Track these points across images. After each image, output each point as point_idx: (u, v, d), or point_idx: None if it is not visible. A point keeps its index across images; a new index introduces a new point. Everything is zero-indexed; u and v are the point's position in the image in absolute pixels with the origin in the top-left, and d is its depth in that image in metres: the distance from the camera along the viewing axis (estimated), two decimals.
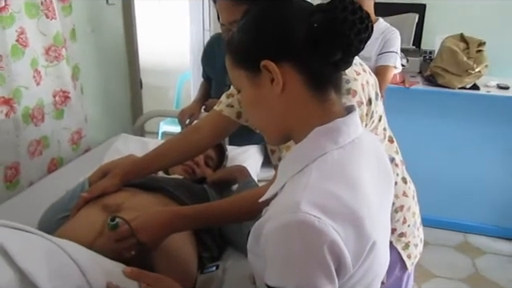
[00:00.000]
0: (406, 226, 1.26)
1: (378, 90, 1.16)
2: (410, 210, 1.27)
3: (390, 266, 1.24)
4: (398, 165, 1.26)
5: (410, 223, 1.27)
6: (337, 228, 0.63)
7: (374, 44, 2.37)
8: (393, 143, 1.26)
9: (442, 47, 2.72)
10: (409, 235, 1.28)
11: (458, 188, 2.94)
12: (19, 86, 1.67)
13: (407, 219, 1.26)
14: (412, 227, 1.29)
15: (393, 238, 1.25)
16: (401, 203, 1.24)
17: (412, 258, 1.30)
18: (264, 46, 0.73)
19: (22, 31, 1.65)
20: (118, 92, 2.41)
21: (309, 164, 0.72)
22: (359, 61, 1.13)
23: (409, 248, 1.29)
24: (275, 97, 0.74)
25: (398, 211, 1.24)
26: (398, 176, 1.25)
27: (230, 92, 1.31)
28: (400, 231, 1.26)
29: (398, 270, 1.30)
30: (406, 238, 1.28)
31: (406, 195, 1.26)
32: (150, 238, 1.03)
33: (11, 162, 1.68)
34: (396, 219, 1.24)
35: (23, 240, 0.81)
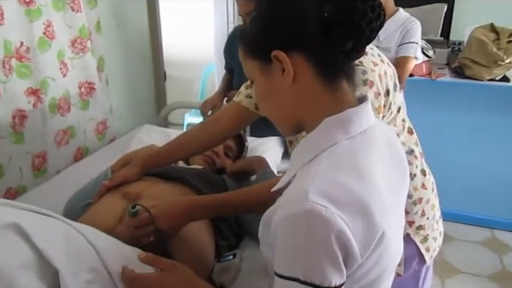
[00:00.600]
0: (424, 219, 1.25)
1: (396, 80, 1.14)
2: (429, 202, 1.25)
3: (407, 259, 1.25)
4: (418, 156, 1.24)
5: (428, 216, 1.25)
6: (344, 218, 0.63)
7: (393, 35, 2.33)
8: (412, 134, 1.24)
9: (471, 38, 2.65)
10: (427, 228, 1.26)
11: (486, 183, 2.87)
12: (46, 77, 1.72)
13: (426, 212, 1.24)
14: (431, 220, 1.27)
15: (411, 231, 1.24)
16: (419, 196, 1.22)
17: (431, 251, 1.29)
18: (274, 36, 0.73)
19: (48, 24, 1.70)
20: (142, 84, 2.45)
21: (319, 154, 0.72)
22: (377, 51, 1.12)
23: (427, 241, 1.27)
24: (286, 87, 0.74)
25: (417, 204, 1.22)
26: (417, 168, 1.23)
27: (249, 83, 1.32)
28: (418, 224, 1.24)
29: (416, 263, 1.28)
30: (425, 231, 1.26)
31: (425, 187, 1.24)
32: (168, 225, 1.06)
33: (39, 150, 1.74)
34: (414, 212, 1.22)
35: (41, 222, 0.85)
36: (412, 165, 1.21)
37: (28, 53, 1.64)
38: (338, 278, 0.66)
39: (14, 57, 1.59)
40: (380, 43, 2.34)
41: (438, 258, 2.54)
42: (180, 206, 1.09)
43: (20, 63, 1.62)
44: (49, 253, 0.76)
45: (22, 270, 0.74)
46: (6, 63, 1.55)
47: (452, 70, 2.79)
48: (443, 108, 2.82)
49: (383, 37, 2.34)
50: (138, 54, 2.39)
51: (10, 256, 0.75)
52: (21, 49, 1.61)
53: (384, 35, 2.34)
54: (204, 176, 1.44)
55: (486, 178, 2.86)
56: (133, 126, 2.30)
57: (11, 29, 1.56)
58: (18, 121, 1.62)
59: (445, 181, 1.33)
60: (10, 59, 1.57)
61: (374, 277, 0.73)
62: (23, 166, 1.68)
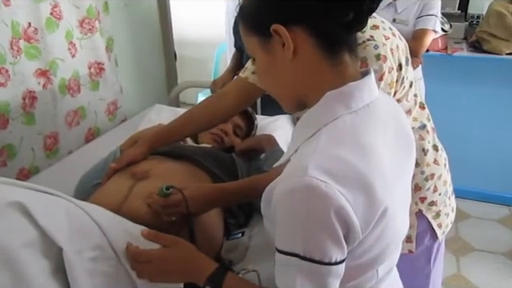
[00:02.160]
0: (436, 195, 1.23)
1: (408, 54, 1.11)
2: (441, 178, 1.23)
3: (419, 235, 1.24)
4: (429, 132, 1.21)
5: (441, 192, 1.23)
6: (344, 193, 0.62)
7: (412, 7, 2.26)
8: (424, 109, 1.21)
9: (490, 10, 2.56)
10: (440, 204, 1.24)
11: (504, 159, 2.80)
12: (55, 58, 1.73)
13: (438, 188, 1.23)
14: (443, 196, 1.25)
15: (423, 207, 1.22)
16: (431, 171, 1.20)
17: (443, 227, 1.27)
18: (273, 10, 0.71)
19: (55, 4, 1.69)
20: (152, 64, 2.44)
21: (320, 129, 0.71)
22: (389, 25, 1.08)
23: (439, 217, 1.25)
24: (287, 62, 0.72)
25: (429, 179, 1.20)
26: (430, 143, 1.21)
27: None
28: (430, 200, 1.22)
29: (428, 239, 1.27)
30: (437, 207, 1.24)
31: (438, 163, 1.22)
32: (197, 208, 1.08)
33: (50, 131, 1.75)
34: (427, 187, 1.20)
35: (45, 201, 0.85)
36: (424, 140, 1.19)
37: (36, 34, 1.64)
38: (339, 253, 0.65)
39: (22, 38, 1.59)
40: (398, 15, 2.27)
41: (453, 236, 2.53)
42: (209, 193, 1.12)
43: (28, 44, 1.62)
44: (52, 231, 0.77)
45: (26, 248, 0.75)
46: (15, 44, 1.55)
47: (469, 44, 2.71)
48: (460, 83, 2.75)
49: (401, 8, 2.27)
50: (148, 34, 2.38)
51: (14, 234, 0.76)
52: (29, 30, 1.61)
53: (402, 7, 2.28)
54: (213, 155, 1.44)
55: (504, 154, 2.80)
56: (144, 106, 2.30)
57: (18, 9, 1.56)
58: (28, 102, 1.64)
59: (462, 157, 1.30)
60: (18, 40, 1.57)
61: (376, 253, 0.72)
62: (35, 147, 1.70)
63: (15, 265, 0.73)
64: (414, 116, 1.17)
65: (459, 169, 1.30)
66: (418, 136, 1.18)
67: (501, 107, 2.72)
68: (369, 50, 0.98)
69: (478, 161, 2.79)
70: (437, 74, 2.56)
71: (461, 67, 2.71)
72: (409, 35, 2.23)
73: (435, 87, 2.41)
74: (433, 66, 2.44)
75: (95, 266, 0.82)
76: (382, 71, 0.99)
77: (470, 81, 2.74)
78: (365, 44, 0.99)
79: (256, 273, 1.08)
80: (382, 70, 0.99)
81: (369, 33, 1.00)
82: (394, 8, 2.30)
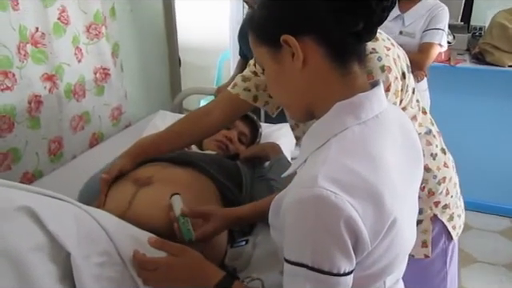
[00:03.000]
0: (449, 198, 1.24)
1: (408, 61, 1.13)
2: (452, 180, 1.25)
3: (434, 239, 1.25)
4: (436, 136, 1.23)
5: (452, 194, 1.25)
6: (354, 204, 0.62)
7: (419, 20, 2.28)
8: (426, 114, 1.23)
9: (493, 22, 2.57)
10: (452, 206, 1.26)
11: (505, 171, 2.81)
12: (61, 62, 1.74)
13: (450, 190, 1.24)
14: (454, 198, 1.26)
15: (437, 211, 1.23)
16: (443, 175, 1.21)
17: (457, 228, 1.28)
18: (283, 20, 0.72)
19: (63, 9, 1.70)
20: (156, 70, 2.45)
21: (330, 139, 0.71)
22: (386, 35, 1.10)
23: (453, 219, 1.27)
24: (297, 72, 0.73)
25: (441, 183, 1.21)
26: (437, 147, 1.22)
27: (246, 75, 1.30)
28: (444, 203, 1.23)
29: (443, 242, 1.27)
30: (450, 210, 1.25)
31: (447, 166, 1.23)
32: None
33: (55, 135, 1.76)
34: (439, 191, 1.21)
35: (53, 205, 0.85)
36: (432, 144, 1.20)
37: (43, 38, 1.65)
38: (347, 264, 0.65)
39: (30, 42, 1.60)
40: (405, 28, 2.29)
41: None
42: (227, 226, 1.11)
43: (35, 49, 1.63)
44: (60, 236, 0.77)
45: (34, 252, 0.75)
46: (22, 49, 1.56)
47: (472, 55, 2.72)
48: (463, 95, 2.76)
49: (409, 21, 2.29)
50: (153, 40, 2.39)
51: (22, 239, 0.76)
52: (36, 34, 1.62)
53: (410, 20, 2.29)
54: (217, 162, 1.44)
55: (507, 165, 2.80)
56: (148, 112, 2.31)
57: (26, 14, 1.56)
58: (33, 106, 1.64)
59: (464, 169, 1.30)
60: (25, 45, 1.58)
61: (384, 264, 0.71)
62: (39, 151, 1.70)
63: (23, 268, 0.73)
64: (419, 122, 1.18)
65: (461, 179, 1.31)
66: (426, 141, 1.19)
67: (503, 119, 2.73)
68: (373, 63, 0.99)
69: (480, 172, 2.79)
70: (440, 85, 2.56)
71: (463, 78, 2.72)
72: (415, 48, 2.25)
73: (438, 98, 2.42)
74: (436, 77, 2.45)
75: (102, 271, 0.82)
76: (388, 82, 1.00)
77: (472, 92, 2.75)
78: (368, 57, 0.99)
79: (260, 281, 1.08)
80: (389, 80, 1.00)
81: (370, 45, 1.01)
82: (401, 21, 2.31)
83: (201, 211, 1.06)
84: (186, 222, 1.02)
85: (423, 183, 1.19)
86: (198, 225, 1.05)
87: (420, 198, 1.20)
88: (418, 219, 1.22)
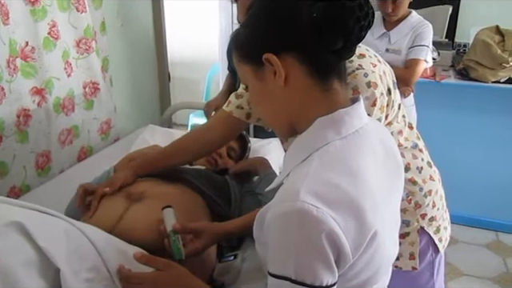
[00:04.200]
0: (435, 210, 1.26)
1: (394, 78, 1.16)
2: (438, 193, 1.27)
3: (421, 252, 1.27)
4: (422, 150, 1.26)
5: (438, 206, 1.27)
6: (336, 217, 0.64)
7: (404, 38, 2.33)
8: (412, 129, 1.26)
9: (476, 40, 2.64)
10: (439, 219, 1.28)
11: (490, 185, 2.85)
12: (51, 76, 1.74)
13: (436, 203, 1.26)
14: (441, 210, 1.29)
15: (424, 224, 1.25)
16: (429, 188, 1.24)
17: (443, 241, 1.30)
18: (265, 39, 0.74)
19: (53, 24, 1.71)
20: (146, 84, 2.46)
21: (311, 154, 0.73)
22: (373, 52, 1.13)
23: (440, 231, 1.29)
24: (279, 89, 0.75)
25: (428, 196, 1.24)
26: (423, 161, 1.25)
27: (239, 93, 1.33)
28: (430, 215, 1.26)
29: (430, 254, 1.30)
30: (437, 222, 1.28)
31: (433, 179, 1.26)
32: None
33: (43, 149, 1.75)
34: (426, 204, 1.24)
35: (43, 221, 0.85)
36: (417, 158, 1.23)
37: (33, 52, 1.65)
38: (330, 277, 0.66)
39: (19, 56, 1.60)
40: (391, 45, 2.34)
41: None
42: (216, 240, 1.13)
43: (25, 63, 1.63)
44: (50, 251, 0.77)
45: (25, 268, 0.75)
46: (11, 63, 1.56)
47: (457, 71, 2.78)
48: (448, 110, 2.81)
49: (395, 39, 2.34)
50: (143, 55, 2.40)
51: (13, 254, 0.76)
52: (26, 48, 1.63)
53: (395, 37, 2.35)
54: (207, 177, 1.44)
55: (491, 179, 2.84)
56: (137, 126, 2.31)
57: (16, 28, 1.57)
58: (22, 120, 1.64)
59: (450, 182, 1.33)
60: (15, 59, 1.58)
61: (367, 276, 0.73)
62: (27, 165, 1.69)
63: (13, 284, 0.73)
64: (405, 136, 1.21)
65: (447, 193, 1.34)
66: (412, 155, 1.22)
67: (488, 133, 2.78)
68: (359, 79, 1.02)
69: (466, 186, 2.83)
70: (425, 101, 2.61)
71: (448, 94, 2.77)
72: (401, 64, 2.30)
73: (424, 112, 2.46)
74: (421, 92, 2.49)
75: (91, 286, 0.82)
76: (374, 97, 1.03)
77: (457, 107, 2.80)
78: (354, 73, 1.03)
79: None
80: (374, 96, 1.03)
81: (357, 62, 1.04)
82: (387, 38, 2.36)
83: (192, 228, 1.07)
84: (177, 239, 1.02)
85: (410, 196, 1.22)
86: (188, 240, 1.05)
87: (407, 210, 1.22)
88: (405, 231, 1.24)
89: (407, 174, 1.20)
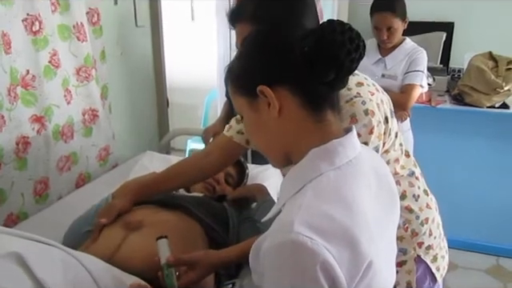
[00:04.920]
0: (432, 238, 1.26)
1: (391, 106, 1.17)
2: (435, 221, 1.27)
3: (418, 281, 1.26)
4: (419, 177, 1.26)
5: (435, 235, 1.27)
6: (330, 248, 0.64)
7: (400, 64, 2.39)
8: (409, 157, 1.26)
9: (470, 66, 2.68)
10: (436, 247, 1.27)
11: (489, 209, 2.85)
12: (51, 104, 1.75)
13: (433, 231, 1.26)
14: (438, 239, 1.28)
15: (421, 252, 1.25)
16: (426, 216, 1.24)
17: (441, 270, 1.29)
18: (259, 72, 0.77)
19: (54, 53, 1.74)
20: (145, 110, 2.48)
21: (306, 185, 0.74)
22: (372, 81, 1.15)
23: (437, 260, 1.28)
24: (273, 120, 0.77)
25: (424, 224, 1.24)
26: (420, 189, 1.25)
27: (239, 117, 1.35)
28: (427, 244, 1.25)
29: (428, 283, 1.28)
30: (434, 251, 1.27)
31: (430, 207, 1.26)
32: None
33: (41, 176, 1.75)
34: (423, 232, 1.24)
35: (41, 251, 0.86)
36: (414, 186, 1.23)
37: (34, 81, 1.67)
38: None
39: (20, 84, 1.62)
40: (387, 71, 2.39)
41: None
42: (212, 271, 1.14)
43: (25, 91, 1.65)
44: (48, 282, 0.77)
45: None
46: (12, 91, 1.58)
47: (452, 97, 2.82)
48: (444, 135, 2.83)
49: (390, 65, 2.39)
50: (142, 82, 2.43)
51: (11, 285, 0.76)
52: (27, 77, 1.65)
53: (391, 63, 2.40)
54: (205, 204, 1.45)
55: (489, 204, 2.85)
56: (135, 153, 2.32)
57: (18, 57, 1.59)
58: (21, 147, 1.64)
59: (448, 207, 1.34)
60: (15, 87, 1.60)
61: None
62: (25, 192, 1.69)
63: None
64: (401, 164, 1.22)
65: (445, 218, 1.34)
66: (408, 183, 1.22)
67: (484, 157, 2.79)
68: (357, 106, 1.03)
69: (464, 210, 2.83)
70: (421, 125, 2.64)
71: (444, 119, 2.80)
72: (397, 89, 2.34)
73: (420, 138, 2.48)
74: (418, 117, 2.52)
75: None
76: (371, 125, 1.04)
77: (453, 132, 2.83)
78: (352, 101, 1.04)
79: None
80: (372, 124, 1.04)
81: (355, 90, 1.06)
82: (383, 64, 2.42)
83: (186, 259, 1.06)
84: (171, 273, 1.01)
85: (406, 224, 1.22)
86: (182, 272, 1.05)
87: (404, 238, 1.22)
88: (402, 260, 1.24)
89: (404, 201, 1.20)
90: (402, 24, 2.34)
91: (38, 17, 1.64)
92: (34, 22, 1.63)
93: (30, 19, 1.62)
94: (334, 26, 0.73)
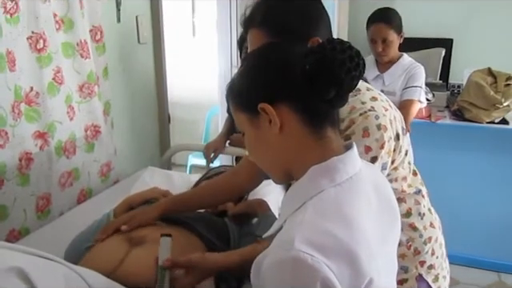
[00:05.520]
0: (434, 258, 1.26)
1: (403, 124, 1.18)
2: (438, 241, 1.27)
3: None
4: (424, 196, 1.27)
5: (438, 255, 1.27)
6: (330, 265, 0.65)
7: (398, 79, 2.40)
8: (416, 176, 1.27)
9: (469, 81, 2.71)
10: (438, 267, 1.27)
11: (490, 225, 2.85)
12: (54, 120, 1.77)
13: (435, 251, 1.26)
14: (440, 259, 1.28)
15: (423, 271, 1.25)
16: (429, 235, 1.24)
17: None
18: (260, 89, 0.78)
19: (58, 70, 1.76)
20: (146, 126, 2.50)
21: (306, 202, 0.74)
22: (385, 97, 1.16)
23: (438, 280, 1.28)
24: (274, 136, 0.78)
25: (427, 243, 1.24)
26: (425, 207, 1.25)
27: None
28: (429, 263, 1.25)
29: None
30: (436, 270, 1.27)
31: (433, 226, 1.26)
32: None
33: (43, 192, 1.76)
34: (425, 251, 1.24)
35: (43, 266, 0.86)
36: (420, 204, 1.23)
37: (37, 97, 1.69)
38: None
39: (24, 101, 1.64)
40: (385, 87, 2.40)
41: None
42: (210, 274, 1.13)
43: (29, 107, 1.67)
44: None
45: None
46: (16, 107, 1.60)
47: (451, 112, 2.84)
48: (443, 150, 2.84)
49: (388, 81, 2.41)
50: (144, 98, 2.46)
51: None
52: (30, 93, 1.67)
53: (389, 79, 2.42)
54: (205, 219, 1.45)
55: (490, 219, 2.84)
56: (137, 168, 2.33)
57: (22, 75, 1.61)
58: (24, 163, 1.66)
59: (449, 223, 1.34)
60: (19, 104, 1.62)
61: None
62: (27, 208, 1.70)
63: None
64: (408, 183, 1.22)
65: (446, 234, 1.34)
66: (414, 200, 1.22)
67: (484, 173, 2.80)
68: (370, 120, 1.03)
69: (465, 226, 2.82)
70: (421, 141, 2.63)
71: (444, 134, 2.81)
72: (396, 105, 2.35)
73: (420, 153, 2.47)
74: (417, 133, 2.53)
75: None
76: (382, 140, 1.04)
77: (453, 147, 2.84)
78: (366, 114, 1.04)
79: None
80: (383, 139, 1.04)
81: (370, 104, 1.06)
82: (381, 80, 2.43)
83: (183, 262, 1.07)
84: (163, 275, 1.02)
85: (409, 242, 1.22)
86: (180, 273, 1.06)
87: (406, 256, 1.22)
88: (404, 278, 1.23)
89: (408, 219, 1.20)
90: (397, 37, 2.36)
91: (42, 35, 1.67)
92: (38, 39, 1.66)
93: (34, 37, 1.64)
94: (335, 44, 0.75)
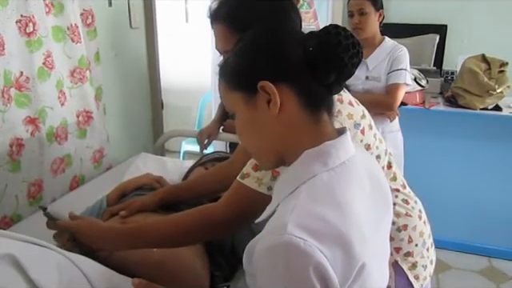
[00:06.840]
0: (412, 246, 1.26)
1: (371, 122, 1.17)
2: (416, 229, 1.26)
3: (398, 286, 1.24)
4: (399, 189, 1.26)
5: (417, 243, 1.26)
6: (323, 250, 0.64)
7: (382, 64, 2.32)
8: (390, 169, 1.26)
9: (463, 68, 2.71)
10: (416, 255, 1.27)
11: (481, 211, 2.87)
12: (45, 106, 1.74)
13: (413, 238, 1.26)
14: (420, 247, 1.28)
15: (398, 257, 1.25)
16: (404, 222, 1.24)
17: (420, 279, 1.28)
18: (262, 67, 0.76)
19: (48, 54, 1.73)
20: (139, 112, 2.48)
21: (299, 186, 0.74)
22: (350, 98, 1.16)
23: (416, 268, 1.27)
24: (271, 118, 0.76)
25: (402, 230, 1.24)
26: (398, 198, 1.25)
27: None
28: (406, 250, 1.25)
29: None
30: (413, 258, 1.27)
31: (410, 215, 1.26)
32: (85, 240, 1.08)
33: (35, 178, 1.74)
34: (400, 238, 1.24)
35: (36, 253, 0.85)
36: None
37: (27, 82, 1.66)
38: None
39: (14, 86, 1.61)
40: (369, 72, 2.35)
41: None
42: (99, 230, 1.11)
43: (19, 92, 1.64)
44: (42, 284, 0.76)
45: None
46: (6, 93, 1.57)
47: (445, 99, 2.84)
48: (437, 137, 2.85)
49: (372, 66, 2.35)
50: (136, 83, 2.43)
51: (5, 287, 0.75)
52: (20, 78, 1.64)
53: (373, 64, 2.36)
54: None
55: (482, 206, 2.86)
56: (130, 154, 2.31)
57: (12, 59, 1.58)
58: (15, 149, 1.64)
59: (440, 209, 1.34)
60: (9, 89, 1.59)
61: None
62: (19, 194, 1.68)
63: None
64: None
65: (437, 220, 1.34)
66: None
67: (477, 159, 2.81)
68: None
69: (457, 212, 2.84)
70: (415, 127, 2.65)
71: (437, 121, 2.82)
72: (382, 90, 2.31)
73: (413, 140, 2.50)
74: (411, 119, 2.54)
75: None
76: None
77: (446, 134, 2.84)
78: None
79: None
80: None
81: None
82: (365, 66, 2.36)
83: None
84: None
85: None
86: None
87: None
88: None
89: None
90: (374, 11, 2.30)
91: (31, 18, 1.63)
92: (27, 23, 1.62)
93: (23, 21, 1.61)
94: (339, 30, 0.74)
